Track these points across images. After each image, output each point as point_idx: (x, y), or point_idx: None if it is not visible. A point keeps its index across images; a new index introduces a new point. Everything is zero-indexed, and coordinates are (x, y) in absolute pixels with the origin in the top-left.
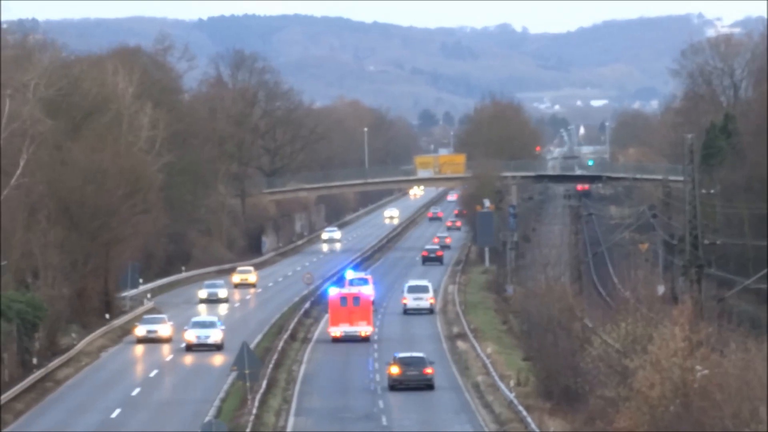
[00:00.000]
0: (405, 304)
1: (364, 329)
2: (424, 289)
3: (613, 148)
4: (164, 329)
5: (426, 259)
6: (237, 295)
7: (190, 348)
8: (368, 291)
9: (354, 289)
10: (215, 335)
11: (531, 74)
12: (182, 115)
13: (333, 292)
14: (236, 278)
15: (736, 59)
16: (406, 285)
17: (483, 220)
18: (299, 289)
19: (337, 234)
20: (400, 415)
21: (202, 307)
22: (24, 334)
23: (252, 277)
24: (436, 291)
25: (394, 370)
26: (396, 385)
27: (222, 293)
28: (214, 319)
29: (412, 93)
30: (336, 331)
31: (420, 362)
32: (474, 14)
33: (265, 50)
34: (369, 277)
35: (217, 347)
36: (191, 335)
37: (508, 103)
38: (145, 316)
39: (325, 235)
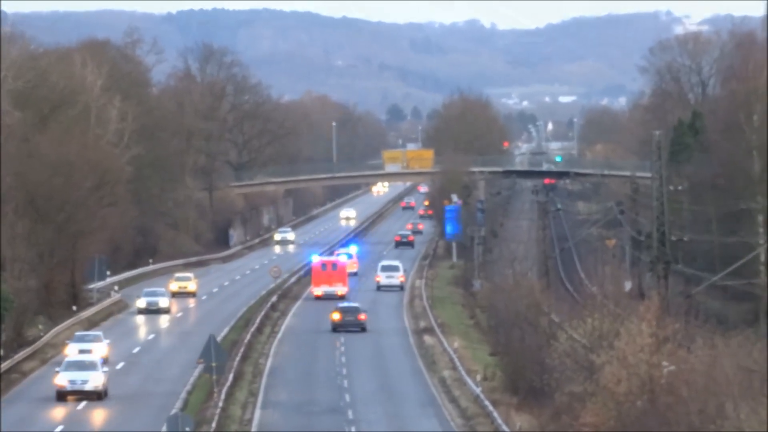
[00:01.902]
0: (378, 282)
1: (340, 289)
2: (395, 269)
3: (581, 145)
4: (99, 348)
5: (399, 244)
6: (175, 306)
7: (62, 396)
8: (346, 261)
9: (332, 258)
10: (95, 379)
11: (499, 70)
12: (150, 109)
13: (315, 259)
14: (174, 286)
15: (704, 57)
16: (380, 264)
17: (451, 215)
18: (266, 282)
19: (290, 235)
20: (366, 408)
21: (141, 319)
22: None
23: (192, 285)
24: (406, 271)
25: (336, 316)
26: (337, 328)
27: (163, 302)
28: (95, 358)
29: (381, 88)
30: (318, 291)
31: (356, 310)
32: (443, 10)
33: (234, 44)
34: (353, 249)
35: (98, 395)
36: (63, 379)
37: (477, 99)
38: (77, 333)
39: (277, 236)
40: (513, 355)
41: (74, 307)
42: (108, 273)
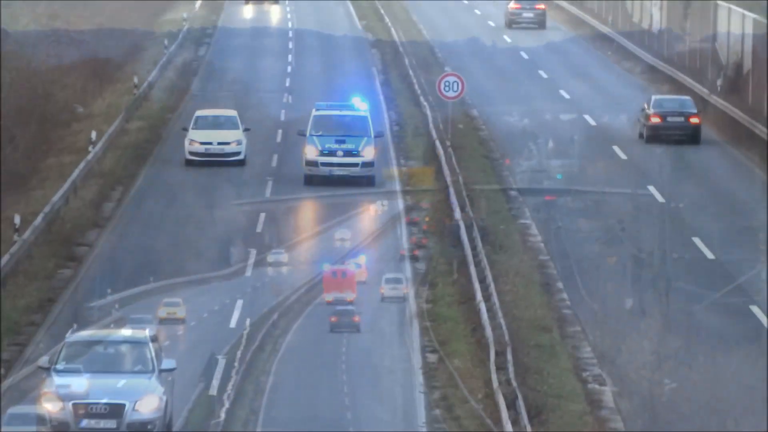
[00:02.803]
0: (382, 293)
1: (349, 295)
2: (398, 281)
3: (582, 162)
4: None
5: (403, 258)
6: (162, 334)
7: None
8: (357, 271)
9: (342, 266)
10: None
11: (501, 87)
12: (152, 126)
13: (326, 268)
14: (162, 312)
15: (704, 74)
16: (384, 277)
17: (451, 233)
18: (268, 300)
19: (284, 257)
20: (368, 426)
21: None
22: None
23: (181, 311)
24: (409, 282)
25: (333, 318)
26: (334, 329)
27: (149, 330)
28: (43, 411)
29: (382, 104)
30: (329, 297)
31: (350, 313)
32: (444, 28)
33: (236, 61)
34: (362, 260)
35: None
36: None
37: (477, 116)
38: (56, 367)
39: (270, 258)
40: (515, 373)
41: (75, 325)
42: (109, 291)
